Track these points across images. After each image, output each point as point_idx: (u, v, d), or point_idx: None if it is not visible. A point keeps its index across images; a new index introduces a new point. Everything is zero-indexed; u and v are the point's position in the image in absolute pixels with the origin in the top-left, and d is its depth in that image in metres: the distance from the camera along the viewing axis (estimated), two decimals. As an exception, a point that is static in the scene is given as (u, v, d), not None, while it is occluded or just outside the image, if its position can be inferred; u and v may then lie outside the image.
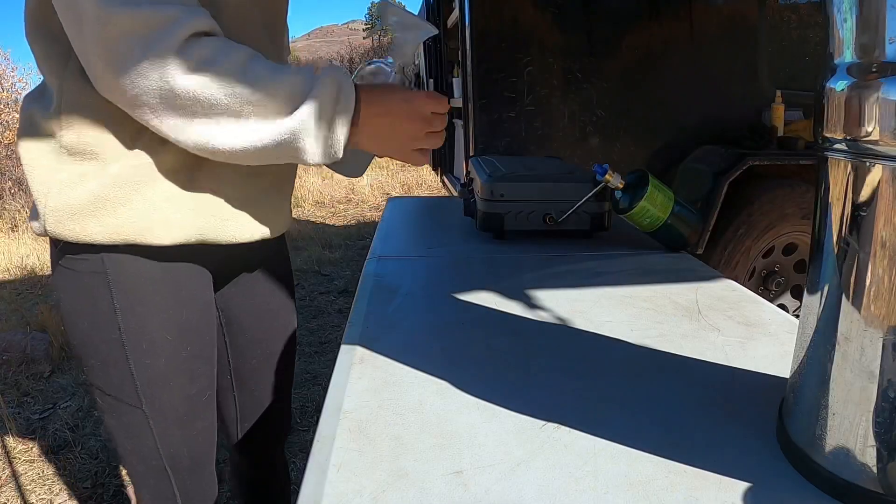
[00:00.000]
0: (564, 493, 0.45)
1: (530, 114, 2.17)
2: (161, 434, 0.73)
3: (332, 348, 2.62)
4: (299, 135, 0.61)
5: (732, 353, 0.68)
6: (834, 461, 0.44)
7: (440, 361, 0.66)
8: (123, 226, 0.65)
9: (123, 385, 0.70)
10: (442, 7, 3.13)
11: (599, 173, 1.09)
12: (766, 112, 2.27)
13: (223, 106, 0.59)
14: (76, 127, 0.64)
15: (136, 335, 0.69)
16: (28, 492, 1.74)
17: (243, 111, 0.59)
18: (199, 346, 0.75)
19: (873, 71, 0.38)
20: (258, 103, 0.59)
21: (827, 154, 0.43)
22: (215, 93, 0.58)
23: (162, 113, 0.58)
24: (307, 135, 0.61)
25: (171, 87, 0.57)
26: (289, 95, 0.60)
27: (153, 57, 0.56)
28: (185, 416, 0.75)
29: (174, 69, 0.56)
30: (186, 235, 0.69)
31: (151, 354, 0.70)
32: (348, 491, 0.45)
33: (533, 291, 0.89)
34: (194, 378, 0.75)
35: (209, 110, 0.59)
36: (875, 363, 0.41)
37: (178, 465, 0.76)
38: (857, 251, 0.41)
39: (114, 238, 0.66)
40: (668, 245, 1.11)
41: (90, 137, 0.64)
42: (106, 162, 0.65)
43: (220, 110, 0.59)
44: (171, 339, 0.71)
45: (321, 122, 0.61)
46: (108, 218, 0.65)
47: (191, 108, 0.58)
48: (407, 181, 7.07)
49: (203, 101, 0.58)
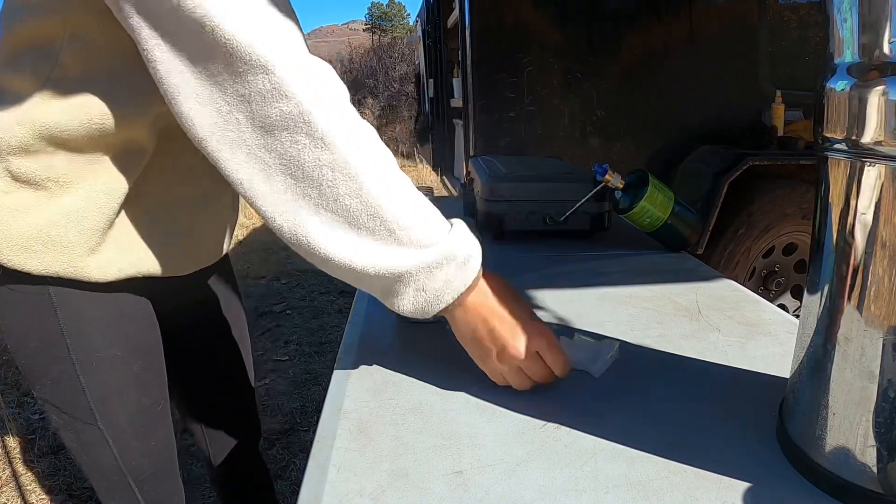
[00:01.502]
0: (564, 493, 0.45)
1: (530, 114, 2.18)
2: (120, 449, 0.73)
3: (332, 348, 2.62)
4: (406, 280, 0.53)
5: (732, 353, 0.68)
6: (834, 461, 0.44)
7: (441, 361, 0.66)
8: (62, 264, 0.63)
9: (77, 402, 0.70)
10: (442, 7, 3.14)
11: (599, 173, 1.09)
12: (766, 112, 2.27)
13: (346, 208, 0.50)
14: (32, 155, 0.60)
15: (84, 353, 0.68)
16: (28, 492, 1.74)
17: (367, 224, 0.51)
18: (148, 358, 0.75)
19: (874, 71, 0.38)
20: (387, 223, 0.51)
21: (827, 154, 0.43)
22: (349, 190, 0.49)
23: (272, 174, 0.49)
24: (413, 283, 0.53)
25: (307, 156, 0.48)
26: (423, 233, 0.53)
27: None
28: (142, 429, 0.75)
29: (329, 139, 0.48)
30: (125, 273, 0.68)
31: (102, 370, 0.69)
32: (348, 491, 0.45)
33: (533, 291, 0.89)
34: (147, 390, 0.75)
35: (328, 202, 0.50)
36: (875, 363, 0.41)
37: (141, 477, 0.76)
38: (857, 251, 0.41)
39: (52, 273, 0.64)
40: (668, 245, 1.11)
41: (41, 167, 0.61)
42: (52, 194, 0.62)
43: (340, 210, 0.50)
44: (120, 355, 0.71)
45: (433, 280, 0.53)
46: (46, 255, 0.63)
47: (309, 190, 0.50)
48: (407, 181, 7.06)
49: (329, 190, 0.49)
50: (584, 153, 2.21)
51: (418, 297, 0.54)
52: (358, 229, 0.51)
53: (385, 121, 10.00)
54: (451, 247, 0.53)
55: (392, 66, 10.85)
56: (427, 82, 3.62)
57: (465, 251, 0.55)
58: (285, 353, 2.62)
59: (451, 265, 0.54)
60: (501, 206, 1.16)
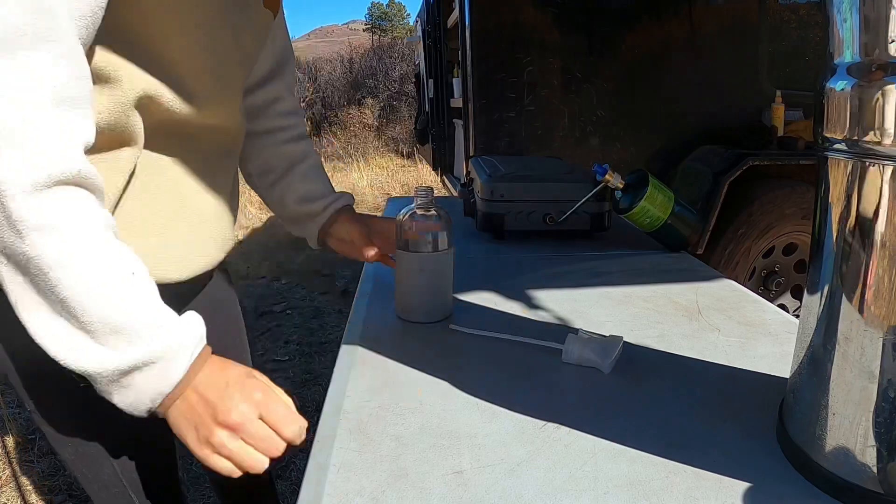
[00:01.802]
0: (564, 493, 0.45)
1: (530, 114, 2.17)
2: (120, 461, 0.71)
3: (332, 348, 2.62)
4: (97, 379, 0.48)
5: (732, 353, 0.68)
6: (834, 461, 0.44)
7: (440, 361, 0.66)
8: None
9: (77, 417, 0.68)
10: (442, 7, 3.13)
11: (599, 173, 1.09)
12: (766, 112, 2.27)
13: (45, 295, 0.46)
14: None
15: None
16: (28, 492, 1.74)
17: (62, 314, 0.47)
18: None
19: (873, 71, 0.38)
20: (80, 319, 0.47)
21: (827, 154, 0.43)
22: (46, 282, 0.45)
23: None
24: (107, 383, 0.49)
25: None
26: (126, 333, 0.48)
27: None
28: (141, 440, 0.73)
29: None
30: None
31: None
32: (348, 491, 0.45)
33: (533, 291, 0.89)
34: None
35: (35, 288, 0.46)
36: (875, 363, 0.41)
37: (141, 489, 0.75)
38: (857, 251, 0.41)
39: None
40: (668, 245, 1.11)
41: None
42: None
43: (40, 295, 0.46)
44: None
45: (130, 382, 0.49)
46: None
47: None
48: (407, 181, 7.07)
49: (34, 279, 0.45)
50: (584, 153, 2.21)
51: (123, 394, 0.50)
52: (55, 316, 0.47)
53: (385, 121, 9.99)
54: (152, 348, 0.49)
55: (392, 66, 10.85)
56: (427, 82, 3.62)
57: (170, 349, 0.50)
58: (285, 353, 2.61)
59: (154, 367, 0.49)
60: (501, 206, 1.16)
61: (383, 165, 7.62)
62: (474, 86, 2.14)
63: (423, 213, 0.76)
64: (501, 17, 2.10)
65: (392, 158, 8.60)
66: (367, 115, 10.20)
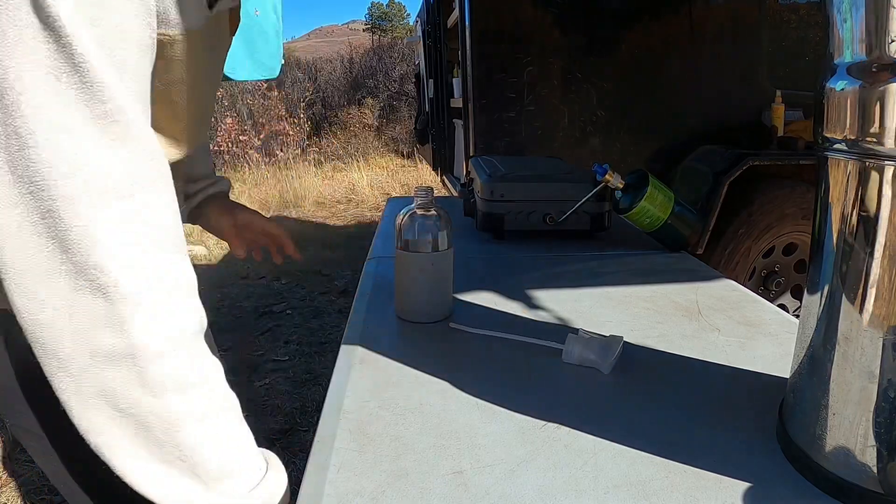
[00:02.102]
0: (564, 493, 0.45)
1: (530, 114, 2.17)
2: None
3: (332, 348, 2.62)
4: None
5: (732, 353, 0.68)
6: (834, 461, 0.44)
7: (440, 361, 0.66)
8: None
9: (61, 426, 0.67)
10: (442, 7, 3.13)
11: (599, 173, 1.09)
12: (766, 112, 2.27)
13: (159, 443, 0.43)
14: None
15: None
16: (28, 492, 1.74)
17: (175, 462, 0.44)
18: None
19: (874, 71, 0.38)
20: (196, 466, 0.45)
21: (827, 154, 0.43)
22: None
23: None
24: None
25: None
26: (233, 481, 0.46)
27: None
28: None
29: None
30: None
31: None
32: (348, 491, 0.45)
33: (533, 291, 0.89)
34: None
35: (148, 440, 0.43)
36: (875, 363, 0.41)
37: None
38: (858, 251, 0.41)
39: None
40: (668, 245, 1.11)
41: None
42: None
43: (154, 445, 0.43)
44: None
45: None
46: None
47: None
48: (407, 181, 7.07)
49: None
50: (584, 153, 2.21)
51: None
52: (168, 465, 0.44)
53: (385, 121, 10.00)
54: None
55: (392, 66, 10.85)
56: (427, 82, 3.62)
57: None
58: (285, 353, 2.61)
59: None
60: (501, 206, 1.16)
61: (383, 165, 7.61)
62: (474, 86, 2.14)
63: (423, 213, 0.76)
64: (501, 17, 2.10)
65: (392, 158, 8.61)
66: (367, 115, 10.20)
